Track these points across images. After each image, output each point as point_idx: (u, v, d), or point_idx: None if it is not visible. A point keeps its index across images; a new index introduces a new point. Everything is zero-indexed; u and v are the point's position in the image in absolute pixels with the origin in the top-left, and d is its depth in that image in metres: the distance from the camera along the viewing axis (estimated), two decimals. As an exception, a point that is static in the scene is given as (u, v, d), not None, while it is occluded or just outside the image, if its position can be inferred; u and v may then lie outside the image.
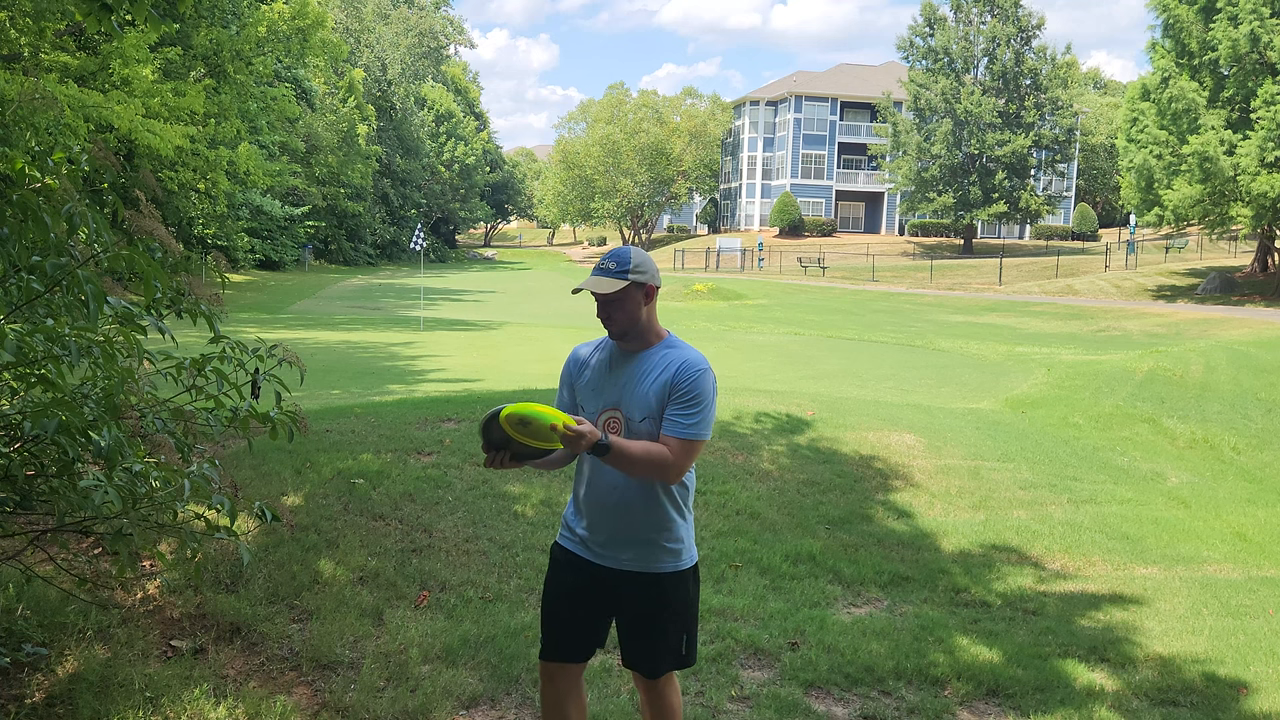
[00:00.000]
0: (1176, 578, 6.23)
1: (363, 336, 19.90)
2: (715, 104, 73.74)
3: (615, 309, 2.77)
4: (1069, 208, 65.76)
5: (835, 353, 18.35)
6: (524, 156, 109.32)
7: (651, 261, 2.83)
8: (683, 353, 2.78)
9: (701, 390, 2.71)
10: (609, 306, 2.77)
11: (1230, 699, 4.39)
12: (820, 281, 44.23)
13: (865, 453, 8.18)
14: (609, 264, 2.77)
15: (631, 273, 2.74)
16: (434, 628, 4.21)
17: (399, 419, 7.72)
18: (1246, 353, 15.95)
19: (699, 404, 2.71)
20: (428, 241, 60.04)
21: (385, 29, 69.78)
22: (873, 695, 4.11)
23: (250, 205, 37.34)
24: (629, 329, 2.80)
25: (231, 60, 23.12)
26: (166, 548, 3.99)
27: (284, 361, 3.05)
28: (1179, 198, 31.25)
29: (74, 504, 2.78)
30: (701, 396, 2.71)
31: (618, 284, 2.73)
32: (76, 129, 15.19)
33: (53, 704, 3.26)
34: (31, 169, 2.78)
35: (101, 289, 2.63)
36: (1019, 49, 51.37)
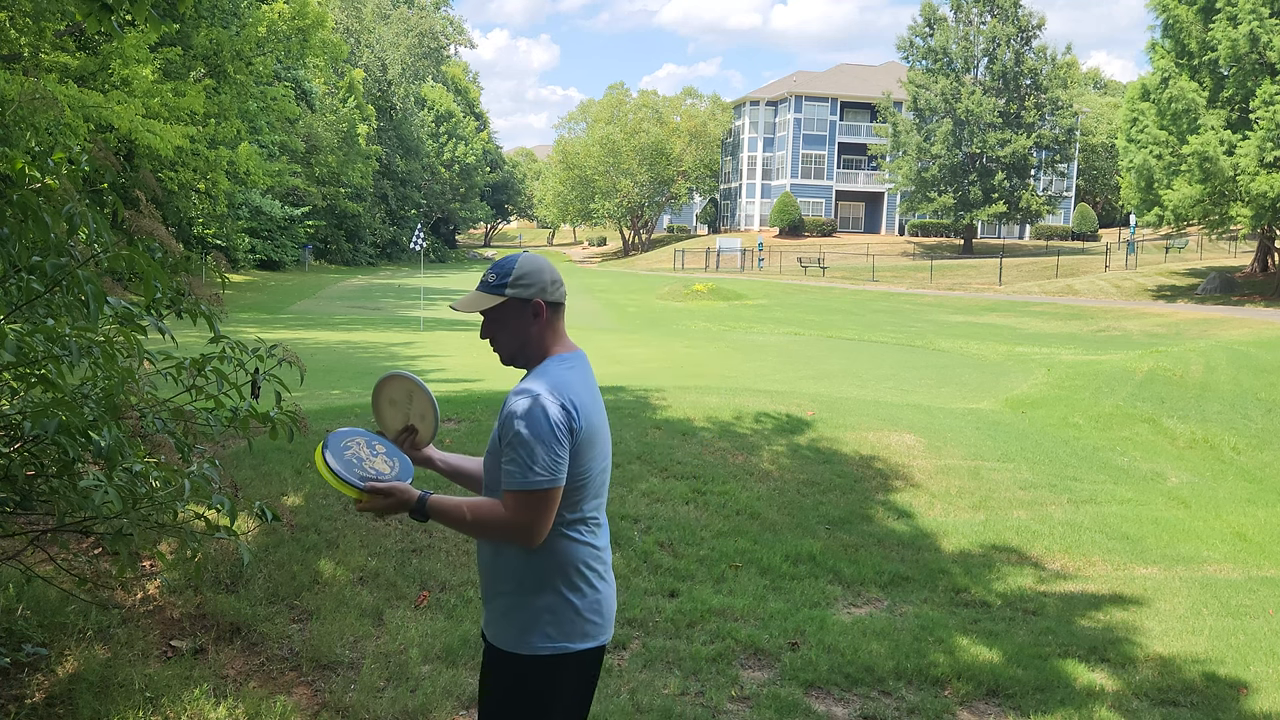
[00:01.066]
0: (1176, 578, 6.23)
1: (363, 336, 19.90)
2: (715, 104, 73.75)
3: (496, 329, 2.35)
4: (1069, 208, 65.76)
5: (835, 353, 18.35)
6: (524, 156, 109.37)
7: (544, 272, 2.34)
8: (523, 384, 2.29)
9: (517, 431, 2.19)
10: (489, 326, 2.37)
11: (1230, 699, 4.39)
12: (820, 281, 44.23)
13: (865, 453, 8.18)
14: (489, 276, 2.35)
15: (511, 286, 2.30)
16: (434, 628, 4.21)
17: (399, 419, 7.71)
18: (1246, 353, 15.95)
19: (517, 447, 2.20)
20: (428, 242, 60.01)
21: (385, 29, 69.80)
22: (873, 695, 4.11)
23: (250, 205, 37.34)
24: (516, 354, 2.36)
25: (231, 60, 23.12)
26: (166, 548, 3.99)
27: (284, 361, 3.05)
28: (1179, 198, 31.25)
29: (74, 504, 2.78)
30: (518, 439, 2.19)
31: (492, 300, 2.32)
32: (76, 129, 15.18)
33: (53, 704, 3.26)
34: (31, 169, 2.78)
35: (101, 289, 2.63)
36: (1019, 49, 51.38)
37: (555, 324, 2.38)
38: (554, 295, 2.36)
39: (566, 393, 2.26)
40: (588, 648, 2.32)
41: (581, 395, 2.30)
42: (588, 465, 2.29)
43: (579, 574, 2.30)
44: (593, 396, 2.35)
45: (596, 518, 2.37)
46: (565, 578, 2.29)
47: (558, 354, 2.36)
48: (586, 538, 2.33)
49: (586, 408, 2.29)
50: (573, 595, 2.29)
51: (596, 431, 2.31)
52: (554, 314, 2.37)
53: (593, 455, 2.30)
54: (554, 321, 2.37)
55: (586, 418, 2.27)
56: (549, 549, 2.27)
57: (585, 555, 2.32)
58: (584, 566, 2.31)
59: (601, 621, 2.35)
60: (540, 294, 2.33)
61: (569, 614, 2.28)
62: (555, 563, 2.28)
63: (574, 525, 2.31)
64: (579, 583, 2.30)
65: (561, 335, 2.39)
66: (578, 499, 2.29)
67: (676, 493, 6.53)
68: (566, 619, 2.28)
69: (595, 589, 2.33)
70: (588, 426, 2.27)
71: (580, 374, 2.36)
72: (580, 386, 2.32)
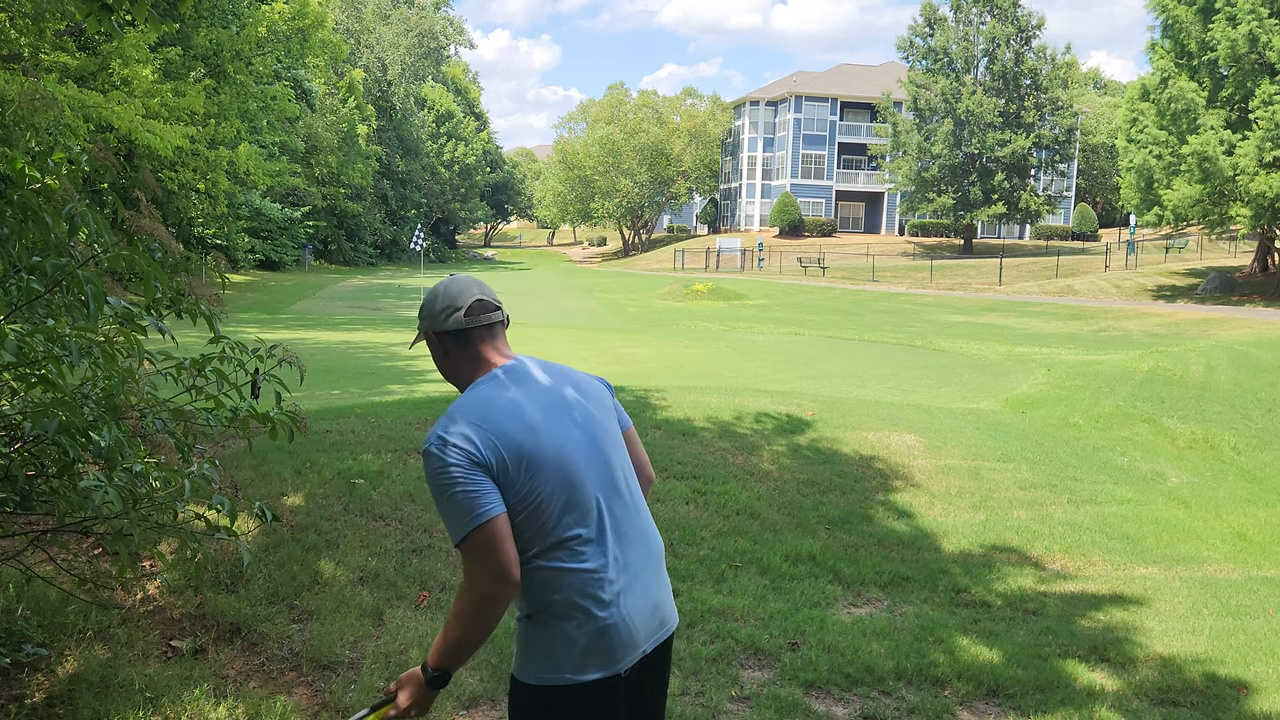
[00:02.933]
0: (1177, 578, 6.23)
1: (362, 336, 19.90)
2: (715, 104, 73.75)
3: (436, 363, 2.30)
4: (1069, 208, 65.76)
5: (835, 353, 18.35)
6: (524, 157, 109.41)
7: (435, 300, 2.23)
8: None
9: (430, 481, 2.08)
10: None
11: (1230, 699, 4.39)
12: (820, 281, 44.23)
13: (865, 453, 8.18)
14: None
15: (421, 320, 2.28)
16: (434, 628, 4.21)
17: (399, 419, 7.72)
18: (1246, 353, 15.95)
19: (435, 503, 2.09)
20: (427, 242, 60.06)
21: (385, 29, 69.83)
22: (873, 695, 4.11)
23: (250, 206, 37.36)
24: (454, 384, 2.29)
25: (231, 60, 23.13)
26: (166, 548, 3.99)
27: (284, 361, 3.05)
28: (1179, 198, 31.26)
29: (74, 504, 2.78)
30: (432, 493, 2.08)
31: (417, 334, 2.31)
32: (76, 129, 15.19)
33: (53, 704, 3.26)
34: (31, 169, 2.78)
35: (101, 289, 2.63)
36: (1019, 49, 51.40)
37: (466, 351, 2.22)
38: (445, 325, 2.20)
39: (461, 423, 2.08)
40: (590, 679, 2.12)
41: (491, 416, 2.09)
42: (533, 487, 2.08)
43: (571, 603, 2.11)
44: (521, 411, 2.12)
45: (580, 537, 2.12)
46: (556, 607, 2.12)
47: (478, 378, 2.20)
48: (571, 563, 2.11)
49: (500, 427, 2.08)
50: (566, 625, 2.12)
51: (532, 449, 2.09)
52: (455, 342, 2.21)
53: (537, 475, 2.08)
54: (460, 350, 2.22)
55: (501, 439, 2.06)
56: (534, 580, 2.12)
57: (575, 582, 2.11)
58: (576, 595, 2.11)
59: (607, 652, 2.13)
60: (430, 326, 2.23)
61: (562, 644, 2.12)
62: (542, 593, 2.13)
63: (550, 553, 2.11)
64: (572, 612, 2.11)
65: (482, 359, 2.21)
66: (541, 524, 2.09)
67: (677, 492, 6.53)
68: (560, 649, 2.12)
69: (595, 617, 2.12)
70: (508, 446, 2.06)
71: (495, 389, 2.15)
72: (488, 406, 2.11)
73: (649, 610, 2.21)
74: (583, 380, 2.29)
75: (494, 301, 2.26)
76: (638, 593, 2.19)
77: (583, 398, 2.24)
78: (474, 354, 2.21)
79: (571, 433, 2.16)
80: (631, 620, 2.16)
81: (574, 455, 2.14)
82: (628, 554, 2.19)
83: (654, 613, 2.23)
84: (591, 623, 2.12)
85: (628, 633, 2.16)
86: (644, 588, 2.21)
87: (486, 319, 2.22)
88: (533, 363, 2.26)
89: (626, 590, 2.17)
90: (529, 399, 2.16)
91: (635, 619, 2.17)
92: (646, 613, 2.20)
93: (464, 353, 2.22)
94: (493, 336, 2.24)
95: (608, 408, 2.30)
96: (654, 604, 2.23)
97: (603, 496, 2.18)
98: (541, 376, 2.22)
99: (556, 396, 2.20)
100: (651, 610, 2.22)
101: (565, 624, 2.12)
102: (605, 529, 2.17)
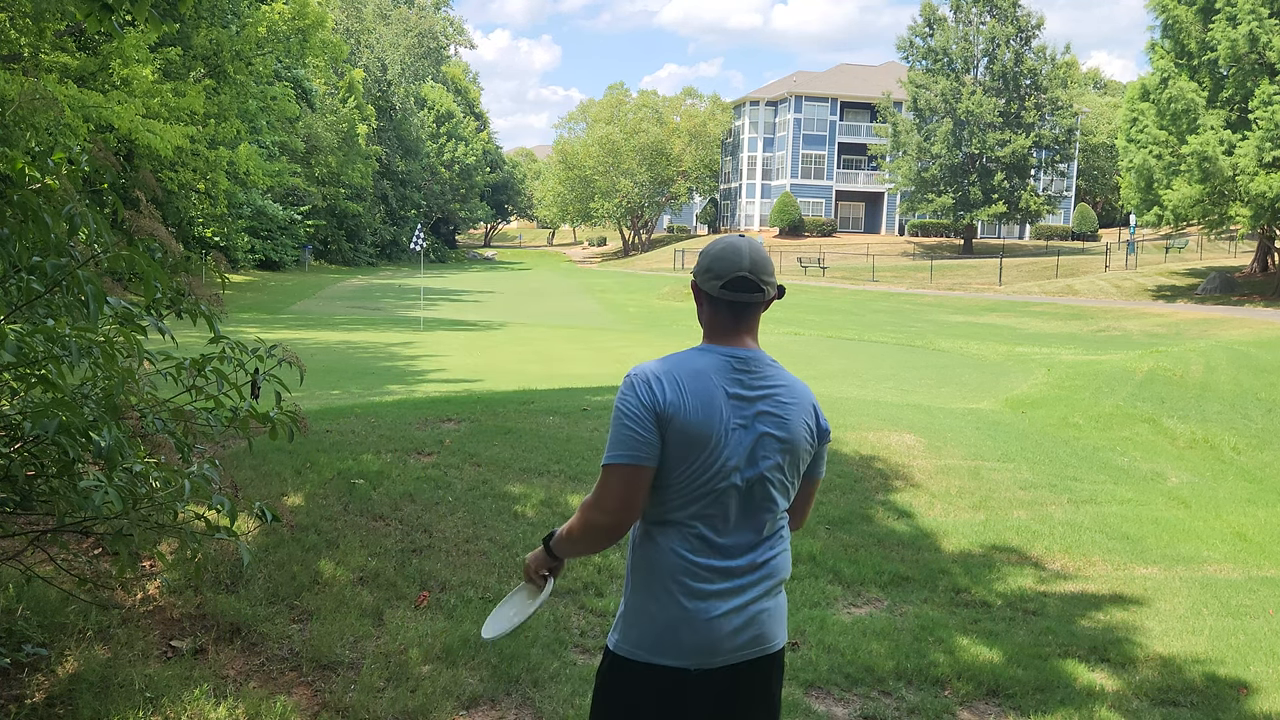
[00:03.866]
0: (1177, 578, 6.23)
1: (362, 337, 19.90)
2: (715, 104, 73.76)
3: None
4: (1069, 208, 65.76)
5: (835, 353, 18.35)
6: (524, 157, 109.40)
7: (711, 259, 2.27)
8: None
9: (615, 403, 2.22)
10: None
11: (1231, 699, 4.39)
12: (820, 281, 44.23)
13: (865, 453, 8.17)
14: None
15: (697, 264, 2.42)
16: (434, 628, 4.21)
17: (399, 419, 7.72)
18: (1246, 353, 15.95)
19: (612, 420, 2.21)
20: (427, 242, 60.03)
21: (385, 29, 69.85)
22: (873, 695, 4.11)
23: (251, 206, 37.37)
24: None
25: (231, 60, 23.14)
26: (166, 548, 3.98)
27: (284, 361, 3.04)
28: (1178, 198, 31.27)
29: (74, 504, 2.78)
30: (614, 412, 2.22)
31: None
32: (76, 129, 15.20)
33: (53, 704, 3.26)
34: (31, 169, 2.78)
35: (101, 289, 2.63)
36: (1019, 49, 51.40)
37: (713, 317, 2.25)
38: (704, 284, 2.24)
39: (659, 371, 2.15)
40: (661, 665, 2.16)
41: (684, 380, 2.14)
42: (676, 464, 2.13)
43: (662, 583, 2.17)
44: (705, 389, 2.15)
45: (694, 528, 2.16)
46: (649, 582, 2.19)
47: (704, 344, 2.26)
48: (676, 546, 2.17)
49: (684, 393, 2.13)
50: (650, 603, 2.18)
51: (695, 427, 2.12)
52: (709, 301, 2.24)
53: (685, 455, 2.13)
54: (710, 309, 2.25)
55: (676, 402, 2.11)
56: (639, 546, 2.23)
57: (672, 564, 2.16)
58: (668, 577, 2.16)
59: (681, 642, 2.16)
60: (696, 275, 2.27)
61: (643, 620, 2.19)
62: (642, 562, 2.21)
63: (662, 527, 2.19)
64: (659, 592, 2.17)
65: (719, 329, 2.24)
66: (664, 499, 2.17)
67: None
68: (641, 624, 2.19)
69: (680, 605, 2.15)
70: (678, 414, 2.11)
71: (700, 364, 2.18)
72: (688, 374, 2.16)
73: (742, 623, 2.19)
74: (795, 414, 2.23)
75: (759, 280, 2.21)
76: (736, 603, 2.18)
77: (781, 418, 2.20)
78: (717, 323, 2.23)
79: (743, 437, 2.16)
80: (717, 625, 2.16)
81: (723, 458, 2.15)
82: (741, 567, 2.20)
83: (749, 627, 2.21)
84: (675, 610, 2.15)
85: (707, 634, 2.16)
86: (746, 602, 2.20)
87: (744, 298, 2.21)
88: (766, 365, 2.24)
89: (724, 596, 2.17)
90: (724, 385, 2.17)
91: (722, 625, 2.17)
92: (738, 624, 2.19)
93: (712, 315, 2.24)
94: (741, 317, 2.23)
95: (802, 444, 2.24)
96: (751, 619, 2.21)
97: (740, 507, 2.18)
98: (755, 380, 2.20)
99: (752, 403, 2.18)
100: (746, 624, 2.20)
101: (650, 602, 2.18)
102: (729, 534, 2.18)
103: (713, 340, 2.23)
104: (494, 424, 7.76)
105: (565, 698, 3.75)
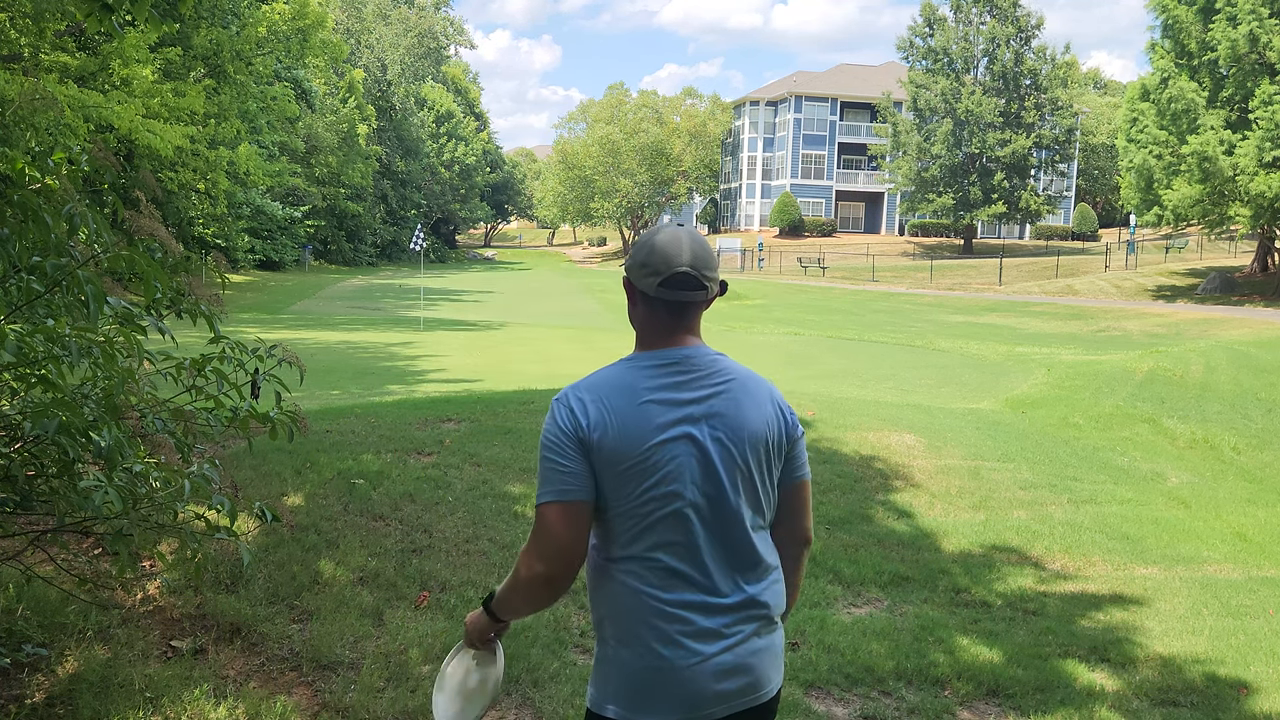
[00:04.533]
0: (1177, 578, 6.23)
1: (362, 337, 19.89)
2: (715, 104, 73.78)
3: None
4: (1069, 208, 65.76)
5: (835, 353, 18.35)
6: (524, 157, 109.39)
7: (646, 253, 2.00)
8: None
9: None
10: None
11: (1231, 699, 4.39)
12: (820, 281, 44.23)
13: (865, 453, 8.17)
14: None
15: (627, 261, 2.15)
16: (434, 628, 4.21)
17: (399, 419, 7.72)
18: (1246, 353, 15.95)
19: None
20: (427, 242, 60.03)
21: (385, 29, 69.82)
22: (873, 695, 4.11)
23: (251, 205, 37.38)
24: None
25: (231, 60, 23.14)
26: (166, 548, 3.98)
27: (284, 361, 3.04)
28: (1178, 198, 31.27)
29: (74, 504, 2.78)
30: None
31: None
32: (76, 129, 15.20)
33: (53, 704, 3.26)
34: (31, 169, 2.78)
35: (101, 289, 2.63)
36: (1018, 49, 51.41)
37: (650, 315, 1.98)
38: (639, 283, 1.95)
39: (582, 390, 1.91)
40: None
41: (608, 396, 1.89)
42: (615, 492, 1.87)
43: (632, 628, 1.89)
44: (633, 402, 1.88)
45: (658, 560, 1.88)
46: (618, 627, 1.91)
47: (638, 351, 1.99)
48: (644, 586, 1.88)
49: (607, 411, 1.87)
50: (623, 650, 1.90)
51: (625, 447, 1.86)
52: (644, 301, 1.97)
53: (622, 480, 1.86)
54: (645, 310, 1.98)
55: (600, 422, 1.86)
56: (599, 588, 1.95)
57: (640, 606, 1.88)
58: (638, 621, 1.88)
59: (660, 695, 1.86)
60: (628, 272, 1.99)
61: (616, 673, 1.91)
62: (605, 606, 1.94)
63: (620, 564, 1.91)
64: (630, 639, 1.89)
65: (655, 331, 1.97)
66: (614, 533, 1.90)
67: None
68: (615, 678, 1.91)
69: (655, 652, 1.86)
70: (604, 437, 1.85)
71: (629, 376, 1.92)
72: (614, 389, 1.90)
73: (730, 668, 1.90)
74: (750, 411, 1.96)
75: (701, 276, 1.93)
76: (721, 645, 1.90)
77: (732, 420, 1.93)
78: (652, 324, 1.97)
79: (688, 449, 1.89)
80: (700, 672, 1.88)
81: (678, 473, 1.88)
82: (722, 604, 1.91)
83: (739, 673, 1.91)
84: (650, 659, 1.87)
85: (690, 683, 1.87)
86: (734, 642, 1.91)
87: (684, 297, 1.94)
88: (709, 360, 1.98)
89: (705, 638, 1.89)
90: (659, 393, 1.90)
91: (706, 672, 1.88)
92: (725, 669, 1.89)
93: (647, 315, 1.98)
94: (680, 317, 1.97)
95: (766, 443, 1.97)
96: (741, 663, 1.91)
97: (706, 530, 1.91)
98: (698, 380, 1.94)
99: (697, 406, 1.92)
100: (735, 669, 1.90)
101: (622, 649, 1.91)
102: (700, 563, 1.90)
103: (647, 344, 1.97)
104: (494, 424, 7.76)
105: (565, 698, 3.74)
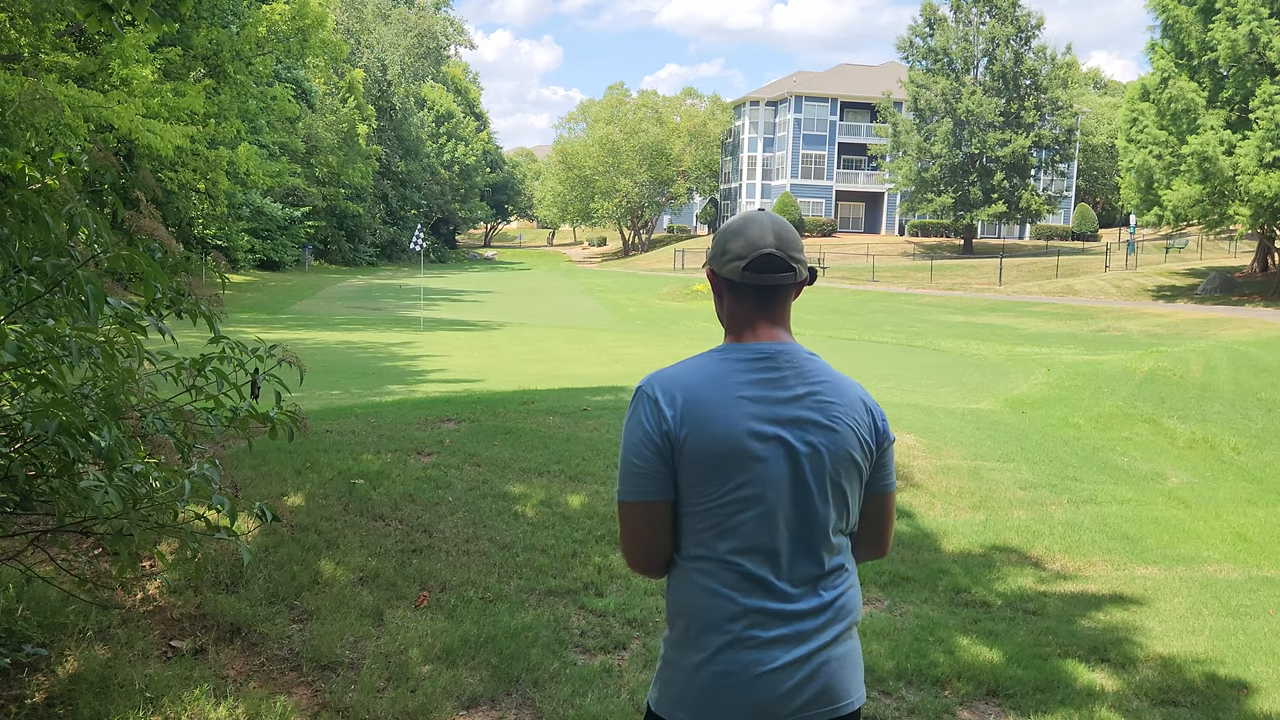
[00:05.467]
0: (1177, 578, 6.23)
1: (362, 337, 19.90)
2: (715, 104, 73.79)
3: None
4: (1069, 208, 65.75)
5: (835, 353, 18.34)
6: (524, 157, 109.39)
7: (729, 237, 1.95)
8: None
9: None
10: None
11: (1231, 699, 4.39)
12: (820, 281, 44.16)
13: (865, 453, 8.17)
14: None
15: (710, 250, 2.12)
16: (434, 628, 4.21)
17: (399, 419, 7.72)
18: (1246, 353, 15.94)
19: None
20: (428, 242, 60.03)
21: (385, 29, 69.84)
22: (873, 695, 4.11)
23: (251, 206, 37.40)
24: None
25: (231, 60, 23.15)
26: (167, 548, 3.98)
27: (284, 361, 3.04)
28: (1178, 198, 31.27)
29: (74, 504, 2.78)
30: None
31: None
32: (76, 129, 15.21)
33: (53, 704, 3.26)
34: (31, 169, 2.78)
35: (101, 289, 2.63)
36: (1018, 49, 51.40)
37: (735, 308, 1.92)
38: (722, 269, 1.89)
39: (668, 381, 1.83)
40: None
41: (697, 390, 1.81)
42: (698, 491, 1.81)
43: (703, 631, 1.81)
44: (724, 399, 1.81)
45: (737, 564, 1.81)
46: (688, 629, 1.84)
47: (726, 342, 1.92)
48: (714, 585, 1.81)
49: (696, 406, 1.80)
50: (691, 654, 1.83)
51: (713, 446, 1.79)
52: (729, 290, 1.91)
53: (707, 480, 1.80)
54: (731, 299, 1.92)
55: (687, 419, 1.79)
56: (674, 586, 1.88)
57: (715, 608, 1.81)
58: (711, 624, 1.81)
59: (729, 702, 1.79)
60: (711, 261, 1.93)
61: (683, 676, 1.83)
62: (678, 605, 1.87)
63: (698, 564, 1.84)
64: (700, 642, 1.81)
65: (743, 322, 1.90)
66: (694, 531, 1.83)
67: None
68: (681, 680, 1.83)
69: (726, 657, 1.79)
70: (690, 434, 1.79)
71: (719, 369, 1.85)
72: (703, 381, 1.83)
73: (805, 677, 1.82)
74: (842, 415, 1.88)
75: (788, 258, 1.88)
76: (797, 653, 1.82)
77: (824, 424, 1.85)
78: (741, 314, 1.90)
79: (779, 451, 1.82)
80: (773, 680, 1.80)
81: (767, 475, 1.82)
82: (801, 610, 1.84)
83: (813, 681, 1.83)
84: (721, 663, 1.80)
85: (761, 691, 1.80)
86: (810, 651, 1.83)
87: (771, 280, 1.88)
88: (802, 359, 1.90)
89: (781, 644, 1.82)
90: (750, 390, 1.84)
91: (780, 680, 1.80)
92: (800, 679, 1.82)
93: (734, 305, 1.92)
94: (768, 304, 1.90)
95: (858, 449, 1.89)
96: (816, 671, 1.83)
97: (791, 535, 1.84)
98: (790, 380, 1.86)
99: (787, 408, 1.85)
100: (810, 677, 1.82)
101: (680, 653, 1.85)
102: (782, 569, 1.84)
103: (736, 337, 1.90)
104: (494, 424, 7.76)
105: (565, 698, 3.74)
